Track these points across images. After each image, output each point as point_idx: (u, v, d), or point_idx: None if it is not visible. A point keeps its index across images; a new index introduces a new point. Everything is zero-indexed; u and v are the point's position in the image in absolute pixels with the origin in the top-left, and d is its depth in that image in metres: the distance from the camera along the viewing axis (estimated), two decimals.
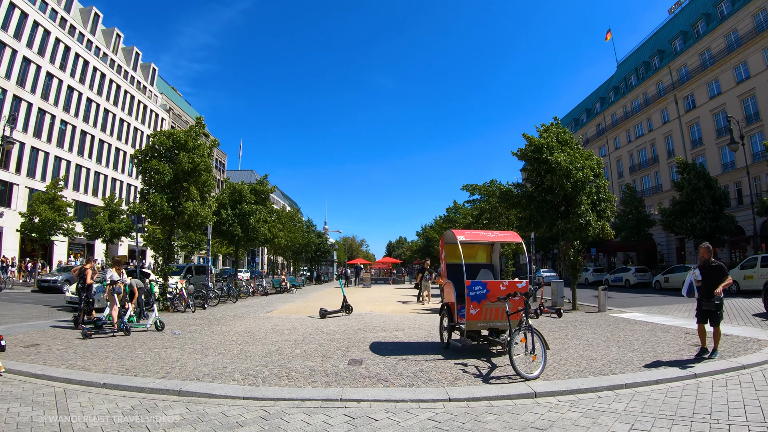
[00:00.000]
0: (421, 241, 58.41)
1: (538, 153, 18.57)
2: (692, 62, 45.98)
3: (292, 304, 20.12)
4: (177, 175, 18.45)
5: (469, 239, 9.32)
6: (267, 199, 26.30)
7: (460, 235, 9.06)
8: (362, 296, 25.11)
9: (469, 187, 25.63)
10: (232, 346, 9.73)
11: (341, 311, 14.75)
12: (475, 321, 8.50)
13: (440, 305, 9.94)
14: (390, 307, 18.28)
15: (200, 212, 18.11)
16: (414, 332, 11.45)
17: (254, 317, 15.14)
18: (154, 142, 19.23)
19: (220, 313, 16.76)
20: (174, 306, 18.26)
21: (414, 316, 14.94)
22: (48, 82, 43.38)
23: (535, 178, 19.04)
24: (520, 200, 18.59)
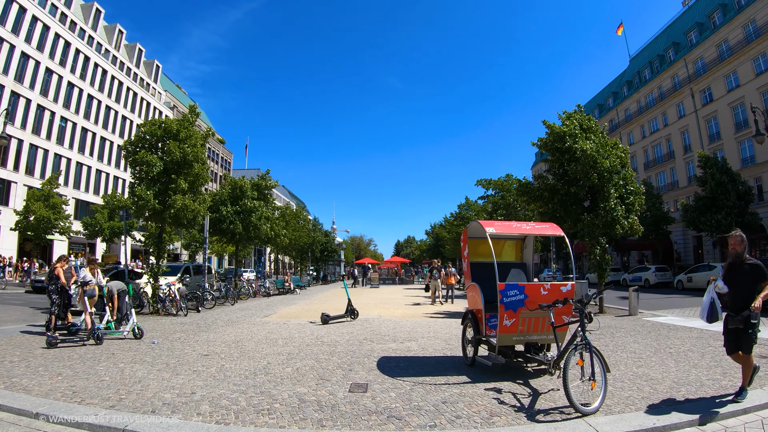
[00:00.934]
0: (430, 240, 56.50)
1: (560, 142, 16.80)
2: (709, 54, 43.94)
3: (294, 307, 18.41)
4: (167, 167, 16.83)
5: (501, 232, 7.53)
6: (269, 195, 24.63)
7: (489, 227, 7.27)
8: (370, 298, 23.36)
9: (483, 182, 23.90)
10: (212, 360, 8.03)
11: (345, 316, 13.02)
12: (509, 334, 6.73)
13: (464, 312, 8.14)
14: (400, 311, 16.52)
15: (190, 206, 16.43)
16: (429, 343, 9.68)
17: (249, 323, 13.44)
18: (144, 131, 17.61)
19: (214, 317, 15.09)
20: (165, 309, 16.68)
21: (427, 322, 13.17)
22: (47, 78, 42.01)
23: (557, 169, 17.25)
24: (541, 193, 16.79)
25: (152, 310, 16.63)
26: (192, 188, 17.49)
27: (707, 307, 5.84)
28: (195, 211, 17.04)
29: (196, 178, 17.24)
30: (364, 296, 24.39)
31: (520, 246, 8.79)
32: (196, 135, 17.73)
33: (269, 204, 24.57)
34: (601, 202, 16.28)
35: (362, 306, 18.07)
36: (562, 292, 6.83)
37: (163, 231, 17.73)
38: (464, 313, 8.03)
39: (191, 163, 17.05)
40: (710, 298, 5.81)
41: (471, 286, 7.68)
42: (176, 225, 17.72)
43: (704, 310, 5.90)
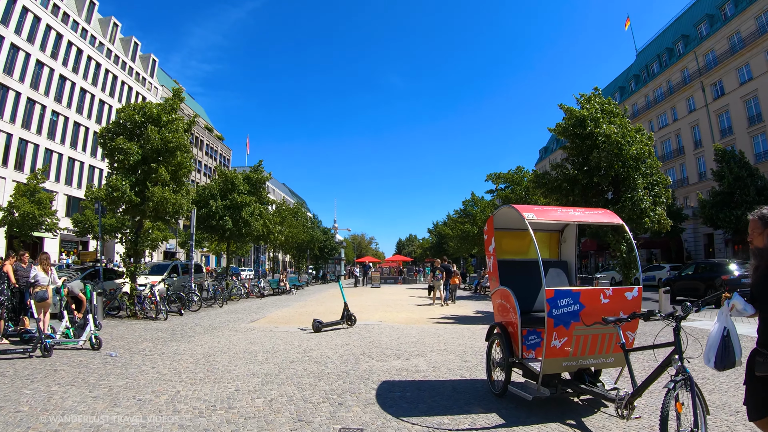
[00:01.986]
0: (433, 238, 54.47)
1: (580, 127, 14.98)
2: (720, 47, 42.08)
3: (286, 310, 16.55)
4: (146, 155, 15.04)
5: (543, 219, 5.59)
6: (262, 189, 22.77)
7: (528, 212, 5.39)
8: (370, 299, 21.48)
9: (493, 176, 22.02)
10: (167, 385, 6.21)
11: (341, 322, 11.15)
12: (559, 359, 4.88)
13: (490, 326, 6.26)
14: (403, 315, 14.64)
15: (170, 199, 14.59)
16: (441, 359, 7.80)
17: (231, 329, 11.61)
18: (121, 117, 15.79)
19: (195, 321, 13.30)
20: (144, 312, 14.91)
21: (435, 330, 11.30)
22: (38, 71, 40.18)
23: (577, 157, 15.41)
24: (560, 184, 14.93)
25: (130, 313, 14.88)
26: (174, 179, 15.65)
27: (717, 342, 3.33)
28: (177, 204, 15.22)
29: (178, 167, 15.40)
30: (364, 297, 22.52)
31: (557, 239, 6.94)
32: (180, 121, 15.90)
33: (263, 199, 22.69)
34: (627, 193, 14.47)
35: (362, 308, 16.24)
36: (627, 299, 5.00)
37: (141, 226, 15.90)
38: (490, 327, 6.17)
39: (173, 151, 15.24)
40: (723, 329, 3.33)
41: (499, 292, 5.83)
42: (157, 219, 15.89)
43: (712, 349, 3.36)
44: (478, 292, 24.60)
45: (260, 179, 22.45)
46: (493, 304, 6.16)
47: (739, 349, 3.27)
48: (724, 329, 3.32)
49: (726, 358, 3.31)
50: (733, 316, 3.30)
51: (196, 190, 21.76)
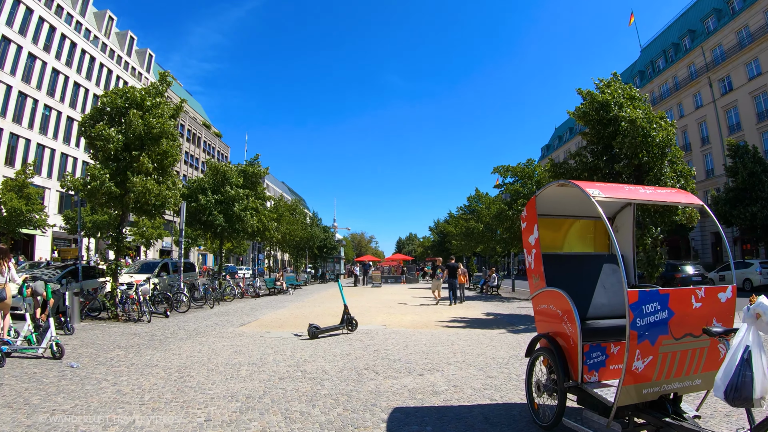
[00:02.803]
0: (434, 237, 52.95)
1: (602, 111, 13.63)
2: (728, 41, 40.83)
3: (281, 312, 15.19)
4: (128, 142, 13.71)
5: (611, 196, 4.15)
6: (258, 184, 21.38)
7: (592, 188, 4.03)
8: (372, 299, 20.11)
9: (500, 169, 20.64)
10: (125, 408, 4.92)
11: (340, 327, 9.78)
12: (640, 385, 3.52)
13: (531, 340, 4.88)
14: (408, 317, 13.26)
15: (153, 190, 13.24)
16: (461, 375, 6.45)
17: (217, 334, 10.26)
18: (104, 102, 14.45)
19: (179, 325, 11.98)
20: (126, 313, 13.61)
21: (447, 335, 9.94)
22: (30, 64, 38.73)
23: (597, 144, 14.07)
24: (579, 174, 13.58)
25: (111, 315, 13.55)
26: (159, 169, 14.29)
27: (735, 368, 2.49)
28: (162, 196, 13.86)
29: (163, 156, 14.04)
30: (365, 297, 21.15)
31: (602, 228, 5.60)
32: (165, 106, 14.55)
33: (259, 194, 21.31)
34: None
35: (363, 310, 14.90)
36: (721, 302, 3.67)
37: (124, 220, 14.56)
38: (533, 340, 4.81)
39: (157, 139, 13.89)
40: (745, 350, 2.48)
41: (547, 294, 4.49)
42: (140, 213, 14.53)
43: (726, 377, 2.53)
44: (484, 292, 23.25)
45: (256, 173, 21.05)
46: (535, 310, 4.82)
47: (762, 383, 2.22)
48: (745, 349, 2.43)
49: (740, 390, 2.41)
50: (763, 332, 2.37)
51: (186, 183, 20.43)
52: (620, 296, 4.82)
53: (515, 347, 8.48)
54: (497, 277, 22.71)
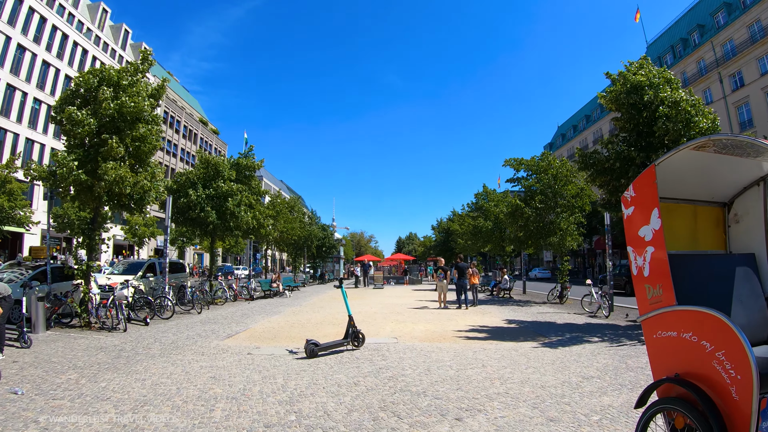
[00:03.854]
0: (437, 236, 51.00)
1: (637, 95, 11.95)
2: (739, 36, 39.27)
3: (275, 319, 13.42)
4: (102, 125, 12.00)
5: None
6: (252, 177, 19.61)
7: None
8: (376, 303, 18.32)
9: (513, 162, 18.89)
10: None
11: (344, 343, 7.98)
12: None
13: (647, 387, 3.13)
14: (421, 326, 11.47)
15: (127, 178, 11.50)
16: (511, 416, 4.66)
17: (197, 350, 8.51)
18: (77, 82, 12.71)
19: (156, 336, 10.26)
20: (100, 321, 11.96)
21: (473, 351, 8.18)
22: (19, 56, 36.86)
23: (631, 132, 12.36)
24: (612, 164, 11.86)
25: (83, 323, 11.84)
26: (137, 157, 12.55)
27: None
28: (140, 186, 12.12)
29: (140, 141, 12.29)
30: (367, 301, 19.37)
31: (721, 216, 3.95)
32: (142, 85, 12.80)
33: (254, 189, 19.54)
34: None
35: (368, 317, 13.16)
36: None
37: (98, 214, 12.82)
38: (650, 386, 3.09)
39: (133, 122, 12.16)
40: None
41: (680, 316, 2.79)
42: (116, 206, 12.78)
43: None
44: (495, 295, 21.50)
45: (250, 166, 19.28)
46: (652, 339, 3.11)
47: None
48: None
49: None
50: None
51: (173, 177, 18.71)
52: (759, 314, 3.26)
53: (561, 368, 6.78)
54: (509, 279, 21.00)
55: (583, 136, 60.64)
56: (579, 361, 7.39)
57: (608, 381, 6.19)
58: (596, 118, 58.68)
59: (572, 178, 18.13)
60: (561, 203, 17.80)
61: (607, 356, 7.86)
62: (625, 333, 10.53)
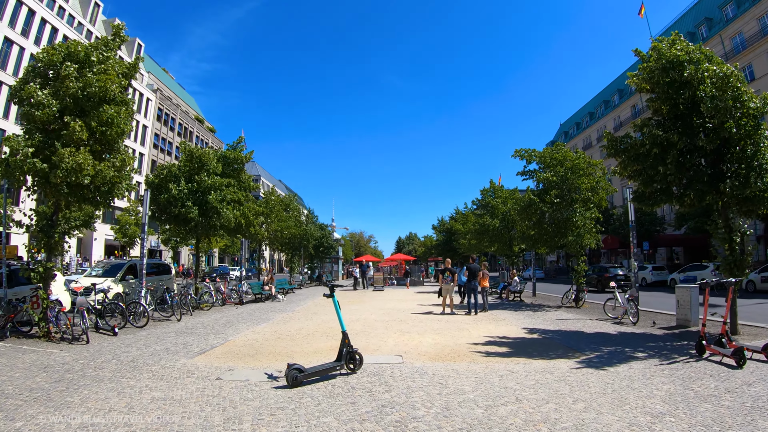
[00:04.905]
0: (438, 235, 49.13)
1: (676, 71, 10.31)
2: (749, 28, 37.82)
3: (261, 328, 11.71)
4: (66, 107, 10.40)
5: None
6: (241, 171, 17.93)
7: None
8: (376, 309, 16.60)
9: (523, 153, 17.22)
10: None
11: (337, 365, 6.25)
12: None
13: None
14: (429, 338, 9.75)
15: (87, 166, 9.84)
16: None
17: (156, 373, 6.86)
18: (38, 59, 11.06)
19: (117, 351, 8.69)
20: (60, 330, 10.36)
21: (497, 373, 6.52)
22: (6, 49, 35.19)
23: (669, 114, 10.72)
24: (648, 150, 10.19)
25: (42, 332, 10.26)
26: (103, 143, 10.89)
27: None
28: (104, 176, 10.46)
29: (107, 125, 10.63)
30: (367, 305, 17.66)
31: None
32: (111, 62, 11.14)
33: (242, 183, 17.86)
34: (735, 163, 9.89)
35: (367, 326, 11.51)
36: None
37: (58, 209, 11.17)
38: None
39: (99, 103, 10.52)
40: None
41: None
42: (79, 200, 11.12)
43: None
44: (504, 298, 19.81)
45: (238, 158, 17.59)
46: None
47: None
48: None
49: None
50: None
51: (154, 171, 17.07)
52: None
53: (618, 402, 5.14)
54: (519, 281, 19.33)
55: (586, 133, 59.03)
56: (634, 388, 5.76)
57: (685, 420, 4.58)
58: (600, 114, 57.10)
59: (590, 170, 16.47)
60: (576, 198, 16.13)
61: (664, 379, 6.24)
62: (668, 345, 8.90)
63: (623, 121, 51.32)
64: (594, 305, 16.58)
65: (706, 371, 6.79)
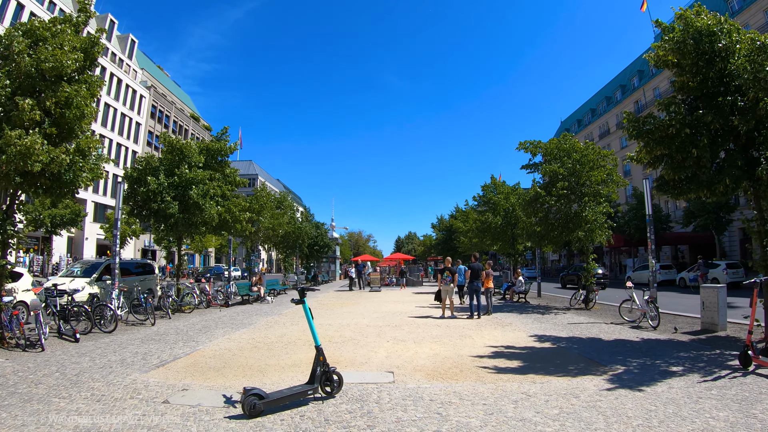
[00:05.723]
0: (438, 234, 47.67)
1: (706, 42, 9.12)
2: (755, 21, 36.72)
3: (239, 335, 10.40)
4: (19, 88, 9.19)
5: None
6: (226, 164, 16.65)
7: None
8: (370, 312, 15.32)
9: (528, 145, 15.96)
10: None
11: (308, 390, 4.85)
12: None
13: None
14: (426, 347, 8.45)
15: (37, 150, 8.56)
16: None
17: (95, 393, 5.64)
18: None
19: (66, 362, 7.54)
20: (15, 336, 9.24)
21: (510, 397, 5.26)
22: None
23: (696, 91, 9.48)
24: (678, 130, 8.89)
25: None
26: (61, 126, 9.62)
27: None
28: (59, 162, 9.18)
29: (65, 107, 9.38)
30: (361, 308, 16.37)
31: None
32: (69, 36, 9.86)
33: (228, 177, 16.58)
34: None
35: (358, 332, 10.23)
36: None
37: (13, 201, 9.89)
38: None
39: (55, 81, 9.28)
40: None
41: None
42: (36, 189, 9.84)
43: None
44: (508, 299, 18.51)
45: (223, 150, 16.31)
46: None
47: None
48: None
49: None
50: None
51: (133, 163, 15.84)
52: None
53: None
54: (525, 281, 18.04)
55: (588, 130, 57.70)
56: (684, 417, 4.52)
57: None
58: (602, 111, 55.81)
59: (601, 162, 15.20)
60: (586, 191, 14.85)
61: (716, 403, 5.00)
62: (702, 355, 7.63)
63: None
64: (605, 307, 15.33)
65: (762, 390, 5.55)
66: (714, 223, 30.31)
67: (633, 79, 50.53)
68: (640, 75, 49.67)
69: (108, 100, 44.72)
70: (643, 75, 49.24)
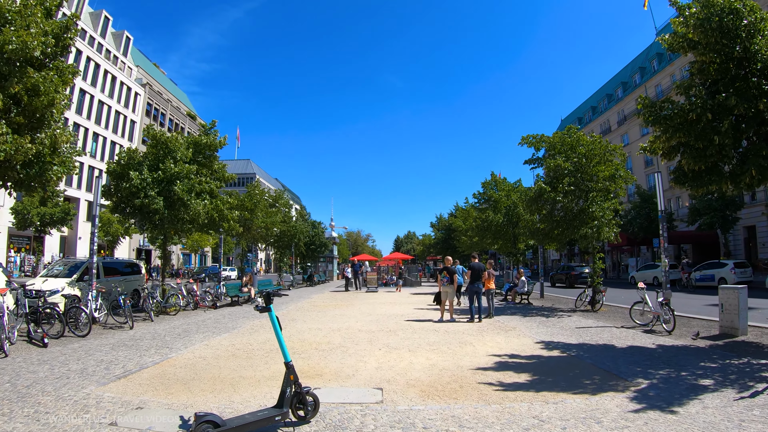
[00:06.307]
0: (437, 233, 46.75)
1: (729, 19, 8.33)
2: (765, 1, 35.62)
3: (218, 341, 9.56)
4: None
5: None
6: (214, 159, 15.82)
7: None
8: (363, 314, 14.49)
9: (531, 140, 15.15)
10: None
11: (276, 415, 4.00)
12: None
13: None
14: (422, 357, 7.62)
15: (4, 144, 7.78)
16: None
17: (38, 410, 4.85)
18: None
19: (26, 369, 6.85)
20: None
21: (521, 424, 4.45)
22: None
23: (723, 73, 8.65)
24: (699, 115, 8.06)
25: None
26: (28, 115, 8.82)
27: None
28: (24, 151, 8.38)
29: (33, 94, 8.59)
30: (355, 310, 15.53)
31: None
32: (36, 18, 9.05)
33: (215, 172, 15.76)
34: None
35: (347, 338, 9.42)
36: None
37: None
38: None
39: (21, 66, 8.50)
40: None
41: None
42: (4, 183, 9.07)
43: None
44: (510, 300, 17.68)
45: (211, 144, 15.48)
46: None
47: None
48: None
49: None
50: None
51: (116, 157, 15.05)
52: None
53: None
54: (527, 281, 17.20)
55: (589, 128, 56.81)
56: None
57: None
58: (603, 108, 54.99)
59: (608, 157, 14.37)
60: (594, 187, 14.03)
61: (762, 426, 4.19)
62: (729, 364, 6.81)
63: (627, 115, 49.16)
64: (613, 308, 14.51)
65: None
66: (720, 221, 29.46)
67: (635, 76, 49.68)
68: (642, 72, 48.83)
69: (102, 98, 43.80)
70: (645, 72, 48.39)
